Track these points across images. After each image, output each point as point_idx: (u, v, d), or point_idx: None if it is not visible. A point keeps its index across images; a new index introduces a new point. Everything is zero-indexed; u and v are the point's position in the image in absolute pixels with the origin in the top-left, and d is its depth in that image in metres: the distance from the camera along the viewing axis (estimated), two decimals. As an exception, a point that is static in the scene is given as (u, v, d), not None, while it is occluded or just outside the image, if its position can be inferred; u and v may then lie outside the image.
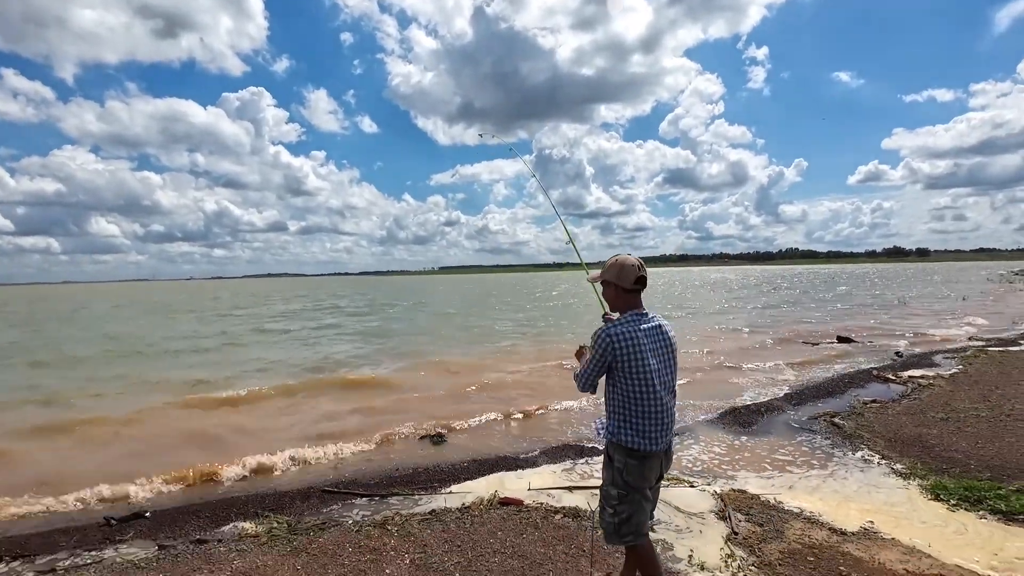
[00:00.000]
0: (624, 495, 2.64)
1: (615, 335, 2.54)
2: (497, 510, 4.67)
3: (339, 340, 18.85)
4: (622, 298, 2.66)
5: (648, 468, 2.63)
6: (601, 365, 2.60)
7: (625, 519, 2.65)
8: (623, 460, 2.60)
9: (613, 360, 2.55)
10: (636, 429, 2.56)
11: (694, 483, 5.21)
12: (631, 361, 2.52)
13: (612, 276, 2.65)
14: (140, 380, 11.90)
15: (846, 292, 40.88)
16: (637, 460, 2.59)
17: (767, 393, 9.05)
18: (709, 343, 15.56)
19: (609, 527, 2.71)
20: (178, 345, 18.12)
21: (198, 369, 13.33)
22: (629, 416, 2.57)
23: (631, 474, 2.60)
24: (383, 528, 4.38)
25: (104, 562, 4.06)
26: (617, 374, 2.58)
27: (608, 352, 2.54)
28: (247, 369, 13.24)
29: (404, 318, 28.33)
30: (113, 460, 6.54)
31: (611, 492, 2.68)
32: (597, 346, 2.58)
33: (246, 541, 4.30)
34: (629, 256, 2.65)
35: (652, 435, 2.56)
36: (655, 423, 2.55)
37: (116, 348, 17.57)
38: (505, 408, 8.29)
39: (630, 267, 2.60)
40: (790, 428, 7.03)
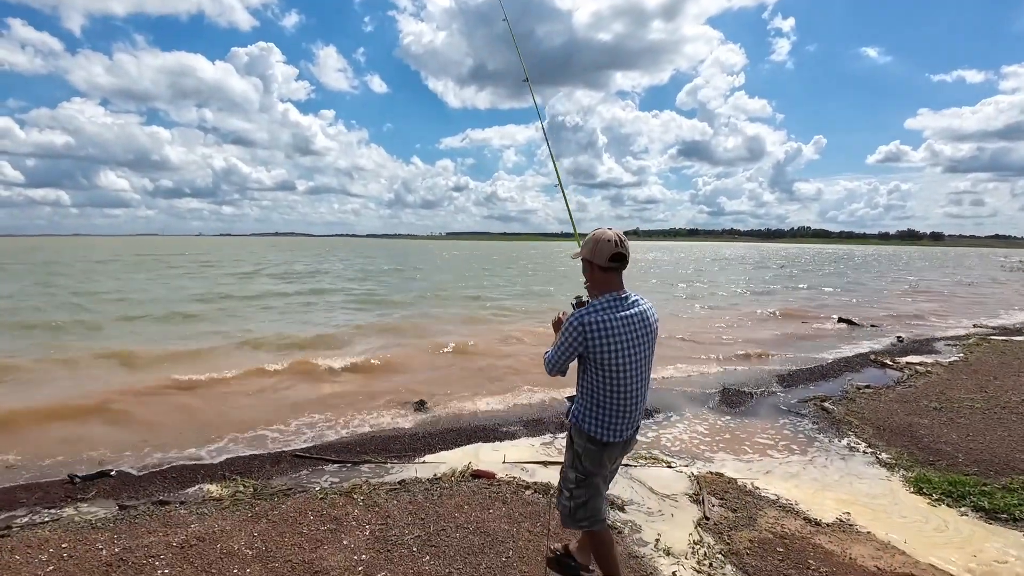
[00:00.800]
0: (582, 479, 2.58)
1: (588, 324, 2.34)
2: (468, 483, 4.58)
3: (335, 306, 18.80)
4: (600, 277, 2.42)
5: (608, 456, 2.56)
6: (571, 352, 2.43)
7: (581, 503, 2.60)
8: (583, 445, 2.53)
9: (585, 350, 2.39)
10: (600, 420, 2.46)
11: (672, 463, 5.10)
12: (604, 353, 2.35)
13: (587, 253, 2.43)
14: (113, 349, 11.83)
15: (855, 273, 40.39)
16: (597, 447, 2.51)
17: (759, 374, 8.90)
18: (703, 320, 15.36)
19: (565, 510, 2.66)
20: (169, 307, 18.09)
21: (187, 338, 13.29)
22: (596, 405, 2.46)
23: (589, 460, 2.54)
24: (349, 496, 4.30)
25: (62, 520, 4.00)
26: (588, 363, 2.43)
27: (580, 340, 2.37)
28: (232, 332, 13.20)
29: (411, 285, 28.20)
30: (88, 421, 6.47)
31: (569, 475, 2.63)
32: (568, 333, 2.40)
33: (208, 504, 4.23)
34: (608, 230, 2.41)
35: (617, 427, 2.47)
36: (621, 415, 2.45)
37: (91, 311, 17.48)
38: (491, 377, 8.19)
39: (606, 242, 2.37)
40: (778, 411, 6.89)
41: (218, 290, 22.10)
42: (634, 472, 4.85)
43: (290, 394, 7.47)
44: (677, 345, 11.47)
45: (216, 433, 5.92)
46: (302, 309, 16.98)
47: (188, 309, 16.17)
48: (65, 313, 15.16)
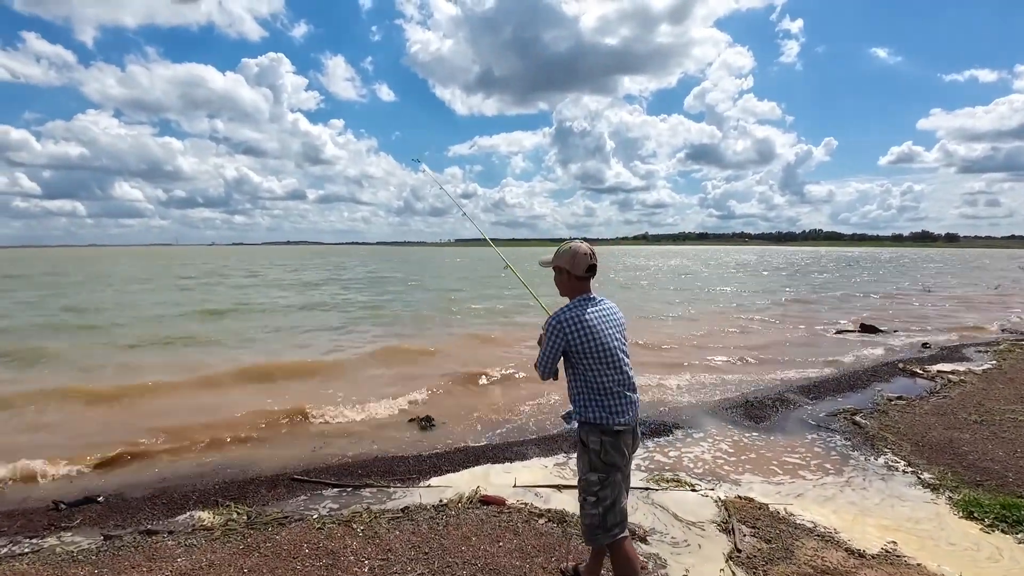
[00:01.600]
0: (605, 478, 2.60)
1: (564, 320, 2.61)
2: (476, 510, 4.25)
3: (344, 312, 18.59)
4: (573, 284, 2.73)
5: (623, 442, 2.63)
6: (556, 350, 2.64)
7: (610, 506, 2.60)
8: (598, 439, 2.59)
9: (567, 344, 2.60)
10: (603, 406, 2.59)
11: (696, 486, 4.73)
12: (584, 341, 2.57)
13: (565, 263, 2.71)
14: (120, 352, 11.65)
15: (871, 276, 39.57)
16: (611, 436, 2.59)
17: (782, 385, 8.48)
18: (720, 328, 14.92)
19: (595, 519, 2.61)
20: (171, 314, 17.98)
21: (190, 344, 13.11)
22: (594, 394, 2.60)
23: (609, 451, 2.59)
24: (348, 526, 3.99)
25: (42, 552, 3.75)
26: (574, 357, 2.62)
27: (560, 337, 2.60)
28: (239, 339, 12.99)
29: (417, 291, 27.98)
30: (76, 437, 6.22)
31: (591, 479, 2.62)
32: (549, 333, 2.64)
33: (198, 534, 3.94)
34: (582, 244, 2.73)
35: (619, 409, 2.60)
36: (620, 398, 2.61)
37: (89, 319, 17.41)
38: (501, 393, 7.83)
39: (583, 255, 2.68)
40: (805, 425, 6.48)
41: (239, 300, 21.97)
42: (656, 496, 4.49)
43: (289, 411, 7.16)
44: (694, 356, 11.06)
45: (212, 453, 5.64)
46: (310, 321, 16.76)
47: (200, 326, 16.03)
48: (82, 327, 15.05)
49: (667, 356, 10.91)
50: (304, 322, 16.06)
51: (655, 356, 10.87)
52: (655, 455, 5.56)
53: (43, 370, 9.69)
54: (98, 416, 6.98)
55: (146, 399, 7.78)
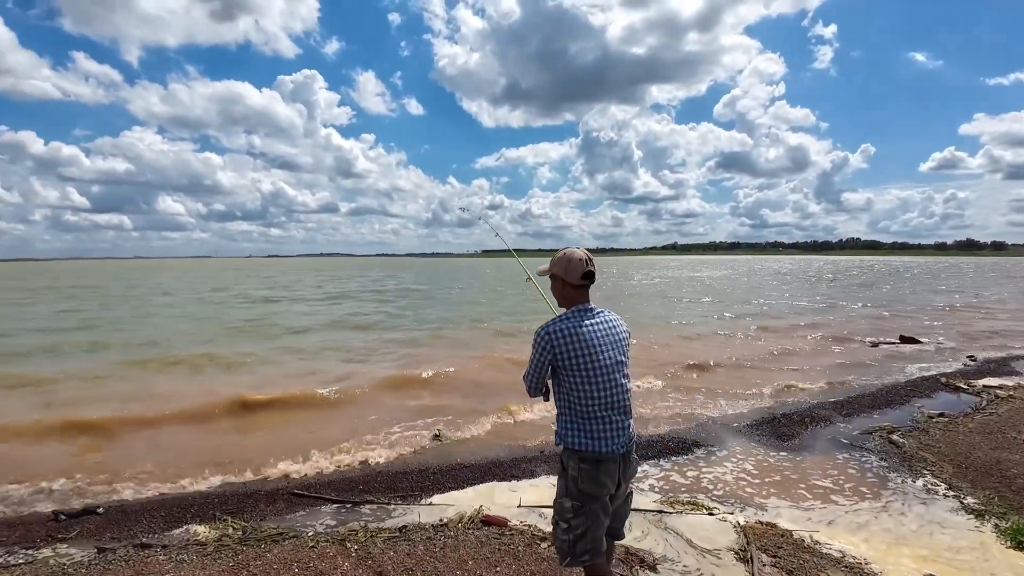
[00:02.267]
0: (579, 507, 2.41)
1: (554, 331, 2.39)
2: (477, 531, 4.04)
3: (365, 328, 18.65)
4: (568, 293, 2.51)
5: (604, 473, 2.39)
6: (543, 365, 2.44)
7: (580, 535, 2.42)
8: (576, 466, 2.40)
9: (554, 358, 2.40)
10: (586, 431, 2.38)
11: (714, 510, 4.42)
12: (574, 357, 2.36)
13: (559, 270, 2.51)
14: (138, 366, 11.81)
15: (913, 286, 37.93)
16: (590, 465, 2.38)
17: (812, 399, 8.02)
18: (745, 338, 14.38)
19: (564, 545, 2.46)
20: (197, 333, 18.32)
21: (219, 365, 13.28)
22: (577, 417, 2.40)
23: (585, 481, 2.39)
24: (341, 545, 3.83)
25: (36, 563, 3.70)
26: (562, 373, 2.41)
27: (548, 350, 2.40)
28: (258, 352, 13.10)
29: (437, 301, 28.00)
30: (85, 451, 6.25)
31: (565, 504, 2.45)
32: (537, 345, 2.43)
33: (190, 549, 3.83)
34: (577, 250, 2.52)
35: (604, 436, 2.37)
36: (607, 424, 2.38)
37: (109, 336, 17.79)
38: (513, 408, 7.59)
39: (578, 261, 2.46)
40: (837, 444, 6.07)
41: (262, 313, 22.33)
42: (669, 521, 4.20)
43: (297, 422, 7.09)
44: (717, 369, 10.63)
45: (214, 467, 5.57)
46: (330, 328, 16.86)
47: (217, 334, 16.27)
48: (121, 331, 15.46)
49: (688, 369, 10.50)
50: (324, 329, 16.16)
51: (675, 369, 10.48)
52: (671, 475, 5.26)
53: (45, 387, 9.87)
54: (104, 428, 7.01)
55: (155, 406, 7.83)
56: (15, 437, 6.45)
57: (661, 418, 7.17)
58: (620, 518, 2.60)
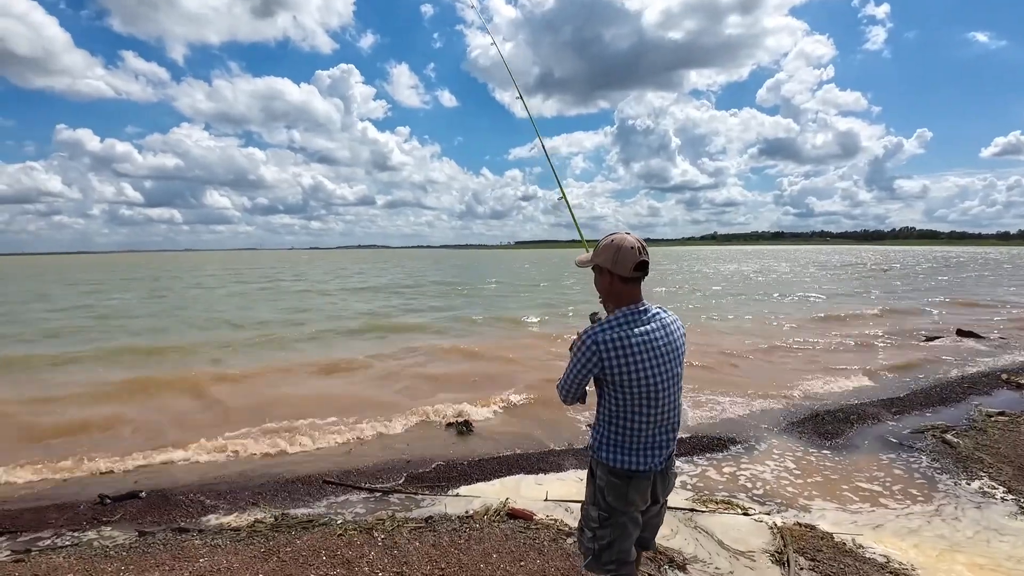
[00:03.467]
0: (606, 518, 2.21)
1: (602, 342, 2.04)
2: (502, 524, 4.01)
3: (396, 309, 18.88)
4: (618, 289, 2.11)
5: (635, 490, 2.16)
6: (584, 376, 2.13)
7: (606, 545, 2.23)
8: (605, 478, 2.19)
9: (600, 371, 2.08)
10: (621, 447, 2.14)
11: (749, 510, 4.25)
12: (624, 372, 2.04)
13: (606, 261, 2.09)
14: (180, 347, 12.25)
15: (973, 277, 35.82)
16: (621, 480, 2.15)
17: (859, 396, 7.64)
18: (789, 332, 13.85)
19: (589, 553, 2.29)
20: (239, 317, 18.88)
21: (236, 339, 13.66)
22: (616, 431, 2.14)
23: (613, 495, 2.18)
24: (369, 534, 3.86)
25: (80, 545, 3.86)
26: (606, 385, 2.11)
27: (593, 362, 2.07)
28: (292, 334, 13.41)
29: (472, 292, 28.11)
30: (135, 431, 6.54)
31: (591, 513, 2.27)
32: (580, 354, 2.10)
33: (225, 535, 3.94)
34: (628, 235, 2.10)
35: (641, 454, 2.13)
36: (646, 441, 2.13)
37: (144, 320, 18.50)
38: (541, 399, 7.52)
39: (628, 250, 2.05)
40: (886, 444, 5.76)
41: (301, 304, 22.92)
42: (700, 520, 4.06)
43: (333, 412, 7.19)
44: (758, 362, 10.27)
45: (253, 453, 5.73)
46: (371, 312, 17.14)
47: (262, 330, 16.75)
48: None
49: (726, 363, 10.19)
50: (364, 313, 16.45)
51: (712, 362, 10.19)
52: (705, 472, 5.09)
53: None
54: (153, 411, 7.31)
55: (195, 394, 8.12)
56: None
57: (694, 412, 6.96)
58: (652, 528, 2.39)
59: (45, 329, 15.46)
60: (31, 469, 5.24)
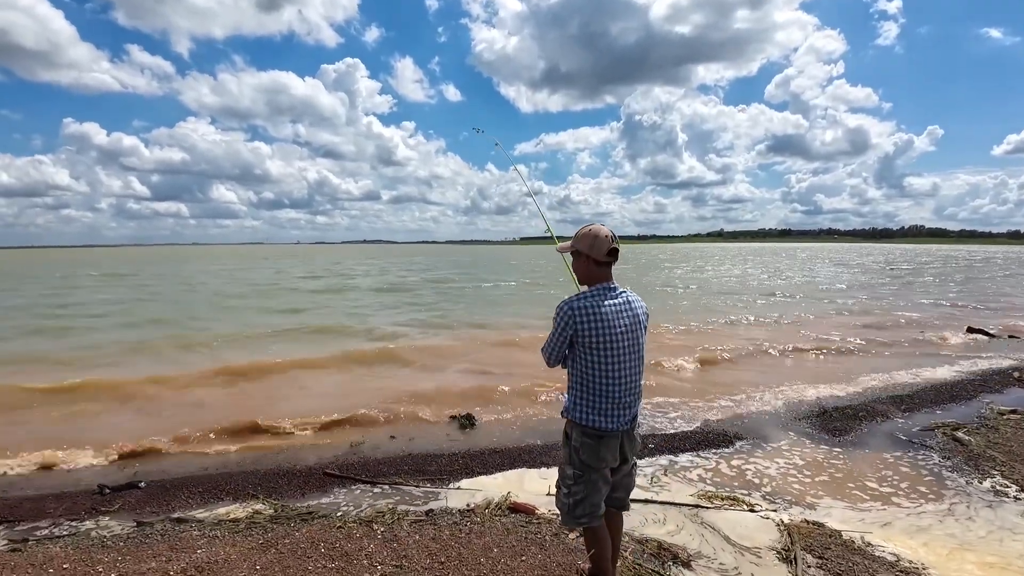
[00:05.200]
0: (580, 475, 2.55)
1: (576, 307, 2.43)
2: (504, 517, 3.95)
3: (395, 308, 18.85)
4: (592, 270, 2.52)
5: (605, 448, 2.50)
6: (563, 338, 2.49)
7: (580, 500, 2.56)
8: (579, 439, 2.52)
9: (574, 333, 2.44)
10: (593, 407, 2.47)
11: (755, 507, 4.17)
12: (592, 335, 2.41)
13: (584, 247, 2.51)
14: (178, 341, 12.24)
15: (983, 276, 35.43)
16: (593, 440, 2.49)
17: (868, 393, 7.53)
18: (797, 328, 13.70)
19: (564, 508, 2.64)
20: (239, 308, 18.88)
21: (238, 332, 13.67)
22: (587, 393, 2.48)
23: (587, 454, 2.51)
24: (368, 527, 3.81)
25: (79, 535, 3.84)
26: (578, 348, 2.47)
27: (569, 325, 2.45)
28: (284, 331, 13.39)
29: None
30: (131, 421, 6.51)
31: (567, 471, 2.60)
32: (559, 319, 2.48)
33: (223, 526, 3.91)
34: (602, 227, 2.53)
35: (610, 413, 2.46)
36: (614, 401, 2.45)
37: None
38: (542, 392, 7.45)
39: (603, 238, 2.47)
40: (895, 441, 5.66)
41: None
42: (706, 516, 3.98)
43: (335, 404, 7.14)
44: (764, 358, 10.16)
45: (254, 444, 5.70)
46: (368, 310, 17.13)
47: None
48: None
49: (732, 357, 10.09)
50: (363, 312, 16.43)
51: (719, 356, 10.10)
52: (710, 468, 5.01)
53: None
54: (151, 404, 7.29)
55: (191, 390, 8.10)
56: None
57: (700, 407, 6.88)
58: (625, 488, 2.69)
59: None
60: (31, 458, 5.22)
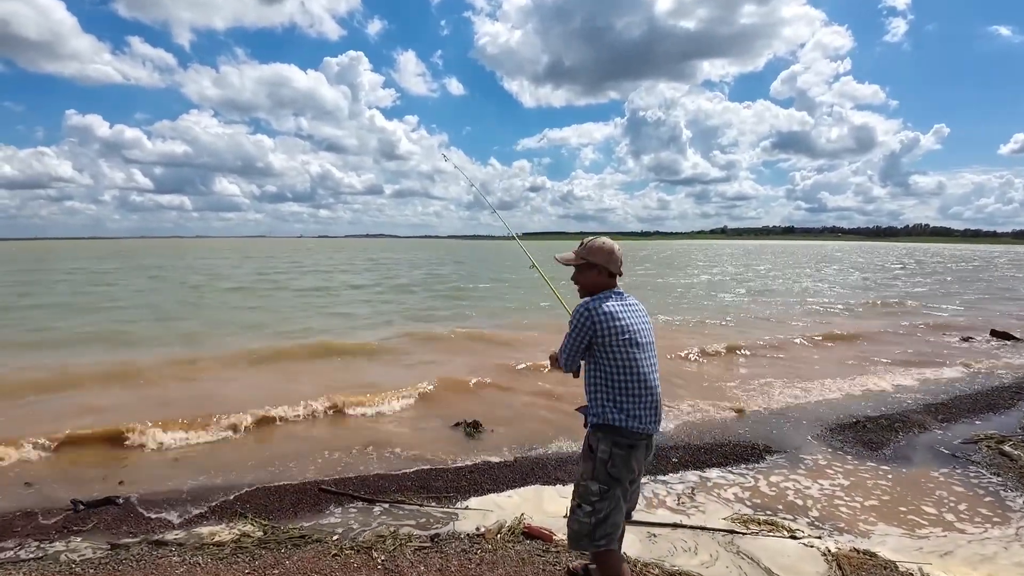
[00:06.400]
0: (606, 490, 2.39)
1: (594, 309, 2.42)
2: (517, 544, 3.55)
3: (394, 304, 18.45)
4: (603, 282, 2.54)
5: (634, 457, 2.40)
6: (581, 341, 2.44)
7: (603, 519, 2.39)
8: (608, 449, 2.38)
9: (594, 335, 2.40)
10: (622, 408, 2.36)
11: (797, 533, 3.75)
12: (613, 334, 2.38)
13: (601, 260, 2.53)
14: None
15: (996, 276, 34.84)
16: (623, 449, 2.37)
17: (901, 402, 7.08)
18: (819, 331, 13.23)
19: (583, 528, 2.42)
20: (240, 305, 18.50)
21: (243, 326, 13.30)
22: (615, 395, 2.38)
23: (617, 464, 2.37)
24: (367, 555, 3.42)
25: (46, 559, 3.46)
26: (599, 351, 2.41)
27: (588, 327, 2.41)
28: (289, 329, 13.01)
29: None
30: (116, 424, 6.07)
31: (591, 487, 2.41)
32: (576, 321, 2.45)
33: (206, 551, 3.51)
34: (613, 242, 2.56)
35: (640, 415, 2.36)
36: (644, 401, 2.37)
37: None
38: (559, 401, 7.01)
39: (618, 254, 2.55)
40: (938, 456, 5.23)
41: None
42: (743, 543, 3.57)
43: (327, 409, 6.70)
44: (789, 362, 9.70)
45: (246, 453, 5.30)
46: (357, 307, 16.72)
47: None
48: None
49: (754, 360, 9.65)
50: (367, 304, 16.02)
51: (739, 360, 9.66)
52: (742, 487, 4.57)
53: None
54: (140, 402, 6.87)
55: (170, 384, 7.70)
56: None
57: (724, 418, 6.42)
58: (632, 500, 2.58)
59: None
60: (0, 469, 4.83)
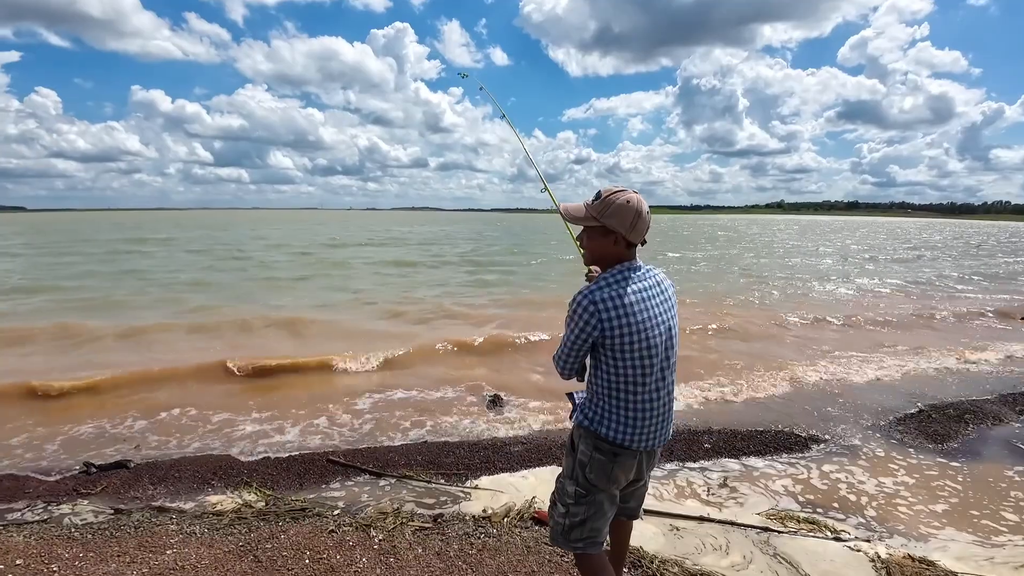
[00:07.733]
0: (582, 495, 2.03)
1: (600, 301, 1.83)
2: (525, 530, 3.29)
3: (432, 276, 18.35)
4: (619, 252, 1.90)
5: (619, 468, 1.98)
6: (584, 341, 1.89)
7: (578, 523, 2.05)
8: (588, 452, 1.99)
9: (599, 334, 1.86)
10: (619, 419, 1.93)
11: (842, 534, 3.33)
12: (622, 335, 1.83)
13: (620, 225, 1.85)
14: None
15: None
16: (606, 456, 1.96)
17: (969, 389, 6.38)
18: (875, 310, 12.29)
19: (558, 527, 2.12)
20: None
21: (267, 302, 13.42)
22: (615, 404, 1.93)
23: (595, 471, 1.99)
24: (365, 532, 3.23)
25: (48, 522, 3.44)
26: (603, 352, 1.90)
27: (592, 324, 1.85)
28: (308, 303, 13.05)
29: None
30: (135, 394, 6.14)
31: (567, 488, 2.08)
32: (577, 315, 1.87)
33: (205, 520, 3.42)
34: (636, 194, 1.87)
35: (641, 429, 1.93)
36: (646, 415, 1.92)
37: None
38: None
39: (645, 217, 1.87)
40: (1015, 451, 4.62)
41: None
42: (780, 544, 3.18)
43: (347, 382, 6.58)
44: (840, 341, 8.98)
45: (260, 422, 5.24)
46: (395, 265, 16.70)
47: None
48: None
49: (799, 339, 8.99)
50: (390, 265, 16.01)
51: (783, 338, 9.02)
52: (779, 480, 4.13)
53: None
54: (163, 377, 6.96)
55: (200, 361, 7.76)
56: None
57: (761, 399, 5.94)
58: (637, 499, 2.24)
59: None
60: (21, 430, 4.93)
